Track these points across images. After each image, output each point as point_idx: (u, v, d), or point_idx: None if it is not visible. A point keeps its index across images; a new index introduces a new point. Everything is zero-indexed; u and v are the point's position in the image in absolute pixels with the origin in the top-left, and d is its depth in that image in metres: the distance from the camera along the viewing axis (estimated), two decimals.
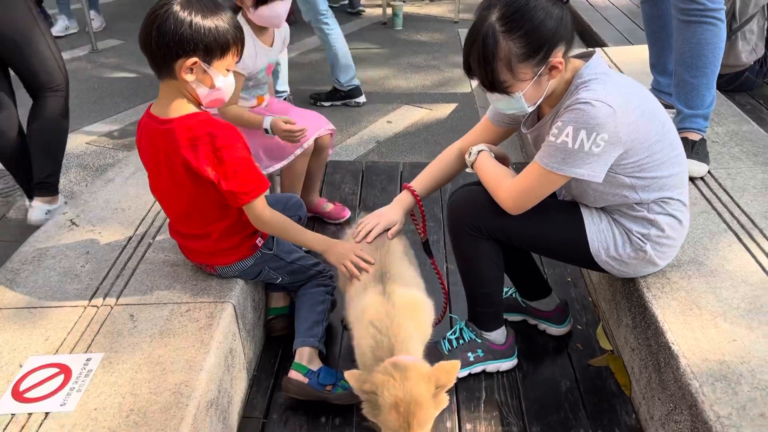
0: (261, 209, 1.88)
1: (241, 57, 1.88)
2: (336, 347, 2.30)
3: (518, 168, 1.90)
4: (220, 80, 1.80)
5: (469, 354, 2.14)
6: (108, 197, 2.60)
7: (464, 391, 2.11)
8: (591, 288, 2.55)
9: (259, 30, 2.60)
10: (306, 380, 2.01)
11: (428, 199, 2.29)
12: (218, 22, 1.75)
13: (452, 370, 1.59)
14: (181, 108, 1.81)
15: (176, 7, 1.71)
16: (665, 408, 1.79)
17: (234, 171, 1.80)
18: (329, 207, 3.01)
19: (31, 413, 1.62)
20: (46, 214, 3.00)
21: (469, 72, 1.73)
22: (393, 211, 2.06)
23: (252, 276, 2.10)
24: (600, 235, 1.88)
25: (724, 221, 2.24)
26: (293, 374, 2.02)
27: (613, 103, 1.63)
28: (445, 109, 4.77)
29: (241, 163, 1.82)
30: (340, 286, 2.16)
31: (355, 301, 1.82)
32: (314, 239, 2.02)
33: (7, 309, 1.99)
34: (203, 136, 1.78)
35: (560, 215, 1.92)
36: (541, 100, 1.76)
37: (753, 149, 2.72)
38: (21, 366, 1.77)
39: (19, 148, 3.02)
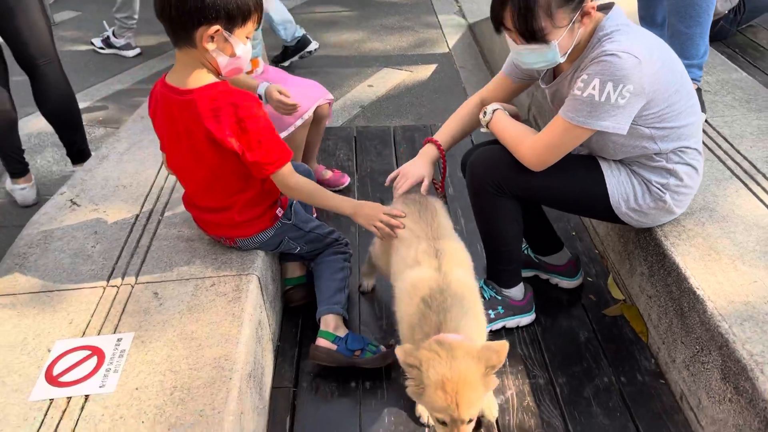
0: (288, 176, 1.85)
1: (260, 24, 1.83)
2: (354, 312, 2.31)
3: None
4: (240, 48, 1.75)
5: (490, 311, 2.17)
6: (106, 175, 2.52)
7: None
8: (597, 240, 2.60)
9: None
10: (335, 347, 2.01)
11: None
12: None
13: (501, 350, 1.50)
14: (201, 78, 1.76)
15: None
16: (690, 351, 1.86)
17: (258, 141, 1.76)
18: (328, 174, 2.98)
19: (71, 397, 1.59)
20: None
21: (500, 26, 1.72)
22: (420, 165, 2.06)
23: (272, 247, 2.08)
24: (620, 187, 1.91)
25: (728, 168, 2.30)
26: (321, 342, 2.02)
27: (639, 54, 1.64)
28: (425, 71, 4.73)
29: (264, 133, 1.78)
30: (375, 251, 2.15)
31: (405, 271, 1.79)
32: (342, 202, 1.98)
33: (23, 294, 1.93)
34: (226, 106, 1.73)
35: (580, 169, 1.94)
36: (570, 49, 1.76)
37: (745, 96, 2.78)
38: (49, 350, 1.73)
39: (8, 120, 2.96)
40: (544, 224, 2.31)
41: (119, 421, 1.52)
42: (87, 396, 1.59)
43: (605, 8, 1.80)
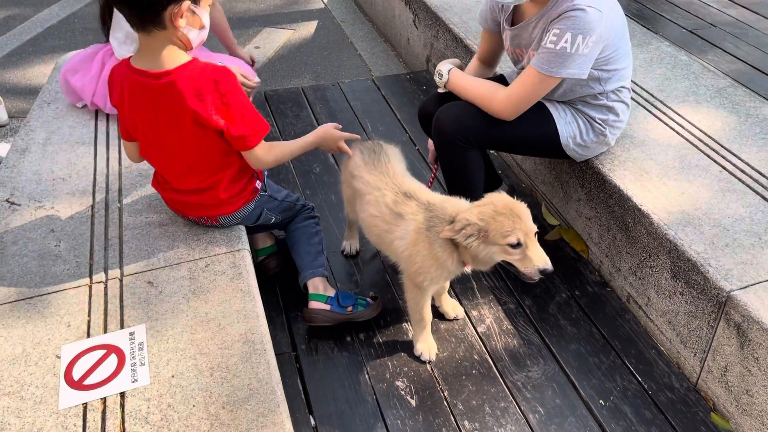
0: (263, 149, 1.87)
1: None
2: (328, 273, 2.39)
3: None
4: (206, 18, 1.73)
5: None
6: (36, 169, 2.35)
7: (458, 285, 2.34)
8: (523, 176, 2.87)
9: None
10: (328, 306, 2.10)
11: None
12: None
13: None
14: (176, 57, 1.72)
15: None
16: (636, 259, 2.18)
17: (241, 114, 1.77)
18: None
19: (105, 397, 1.56)
20: None
21: None
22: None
23: (252, 221, 2.09)
24: (567, 127, 2.15)
25: (632, 98, 2.64)
26: (314, 305, 2.10)
27: (602, 8, 1.86)
28: (308, 28, 4.73)
29: (246, 106, 1.78)
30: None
31: (402, 226, 1.89)
32: (308, 140, 2.03)
33: (0, 305, 1.81)
34: (207, 83, 1.71)
35: (534, 115, 2.14)
36: None
37: None
38: (58, 357, 1.66)
39: None
40: (489, 164, 2.52)
41: (168, 409, 1.53)
42: (123, 393, 1.57)
43: None
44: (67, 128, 2.57)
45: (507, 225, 1.65)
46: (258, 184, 2.04)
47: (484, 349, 2.12)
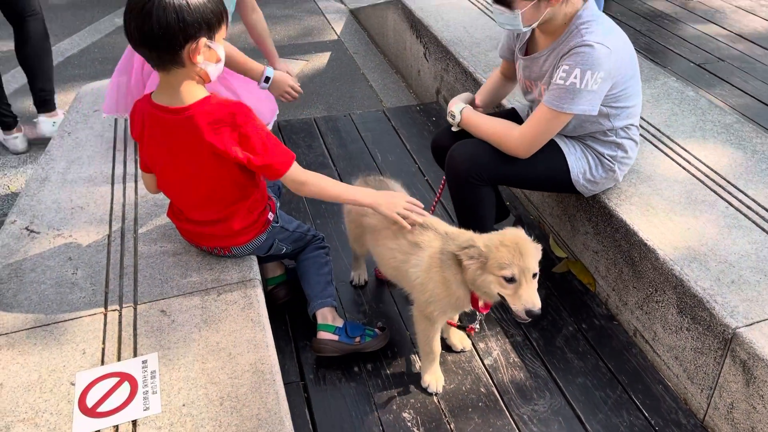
0: (299, 172, 1.89)
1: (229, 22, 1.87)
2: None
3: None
4: (221, 51, 1.79)
5: None
6: (55, 197, 2.41)
7: (465, 316, 2.36)
8: (531, 208, 2.91)
9: None
10: (336, 337, 2.13)
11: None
12: None
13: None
14: (195, 93, 1.78)
15: None
16: (642, 294, 2.20)
17: (263, 144, 1.81)
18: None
19: (117, 425, 1.60)
20: (53, 125, 3.66)
21: None
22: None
23: (264, 251, 2.14)
24: (578, 162, 2.19)
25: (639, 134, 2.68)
26: (323, 335, 2.13)
27: (610, 45, 1.91)
28: (321, 59, 4.82)
29: (265, 136, 1.83)
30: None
31: (418, 254, 1.91)
32: (359, 193, 1.99)
33: (17, 332, 1.85)
34: (225, 116, 1.77)
35: (544, 150, 2.17)
36: (536, 24, 1.99)
37: None
38: (73, 384, 1.70)
39: None
40: (498, 195, 2.56)
41: None
42: (134, 421, 1.61)
43: None
44: (86, 158, 2.64)
45: (506, 258, 1.68)
46: (270, 216, 2.09)
47: (490, 381, 2.13)
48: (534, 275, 1.70)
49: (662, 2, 5.16)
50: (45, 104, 3.69)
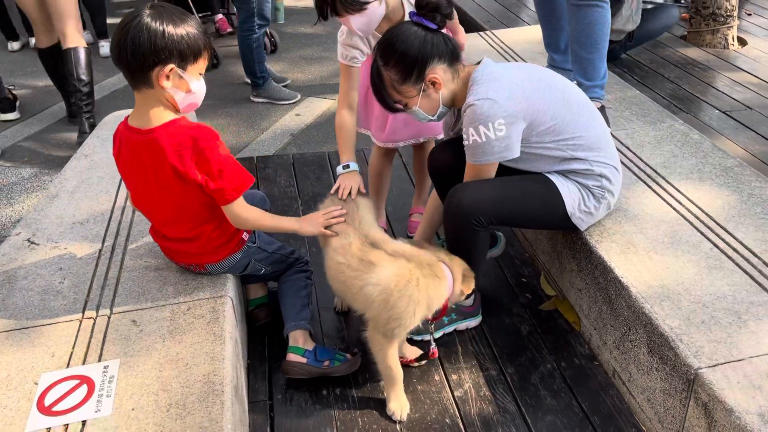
0: (241, 206, 1.99)
1: (211, 61, 1.98)
2: (316, 327, 2.46)
3: None
4: (195, 84, 1.90)
5: (444, 318, 2.39)
6: (60, 213, 2.56)
7: (442, 348, 2.36)
8: (526, 244, 2.89)
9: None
10: (305, 360, 2.16)
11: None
12: (188, 29, 1.84)
13: None
14: (161, 116, 1.89)
15: (147, 19, 1.78)
16: (618, 332, 2.15)
17: (219, 170, 1.90)
18: None
19: (68, 424, 1.67)
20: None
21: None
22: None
23: (240, 270, 2.21)
24: (571, 195, 2.19)
25: (634, 174, 2.65)
26: (292, 357, 2.16)
27: (492, 95, 1.98)
28: None
29: (225, 161, 1.92)
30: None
31: (375, 273, 1.95)
32: (288, 222, 2.20)
33: None
34: (186, 140, 1.87)
35: (539, 189, 2.19)
36: (440, 109, 2.12)
37: (640, 111, 3.18)
38: (36, 384, 1.79)
39: None
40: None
41: None
42: (84, 421, 1.67)
43: (480, 62, 2.12)
44: (97, 178, 2.81)
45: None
46: (245, 236, 2.16)
47: (457, 413, 2.11)
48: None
49: (696, 50, 5.10)
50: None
